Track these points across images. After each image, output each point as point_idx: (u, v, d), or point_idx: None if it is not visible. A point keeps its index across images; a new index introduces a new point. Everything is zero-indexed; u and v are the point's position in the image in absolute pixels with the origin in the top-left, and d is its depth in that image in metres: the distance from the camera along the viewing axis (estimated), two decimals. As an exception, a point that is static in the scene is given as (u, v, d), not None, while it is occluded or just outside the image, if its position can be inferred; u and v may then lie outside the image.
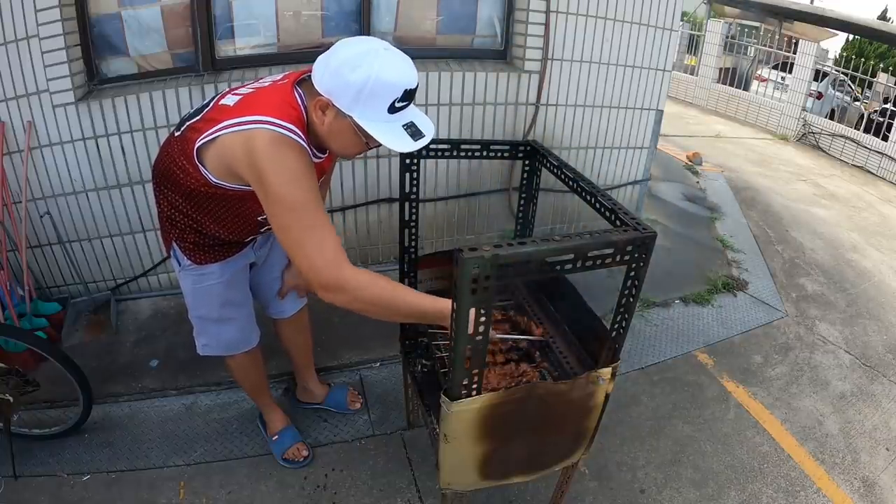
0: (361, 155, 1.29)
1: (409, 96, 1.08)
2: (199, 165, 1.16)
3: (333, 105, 1.07)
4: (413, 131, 1.11)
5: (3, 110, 2.06)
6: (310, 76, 1.12)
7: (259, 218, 1.29)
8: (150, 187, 2.28)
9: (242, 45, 2.39)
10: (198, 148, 1.14)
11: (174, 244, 1.38)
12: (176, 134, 1.24)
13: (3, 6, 1.93)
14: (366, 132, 1.07)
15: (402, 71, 1.05)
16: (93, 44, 2.18)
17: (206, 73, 2.31)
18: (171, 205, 1.31)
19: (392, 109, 1.07)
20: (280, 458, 1.79)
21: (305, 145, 1.10)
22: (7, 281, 2.07)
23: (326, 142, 1.16)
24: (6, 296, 2.05)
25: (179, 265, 1.41)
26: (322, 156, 1.24)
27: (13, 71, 2.02)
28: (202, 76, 2.30)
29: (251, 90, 1.17)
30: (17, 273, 2.21)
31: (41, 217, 2.23)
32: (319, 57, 1.09)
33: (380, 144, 1.10)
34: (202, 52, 2.28)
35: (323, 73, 1.07)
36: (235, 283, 1.48)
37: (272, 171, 1.05)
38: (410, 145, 1.11)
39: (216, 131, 1.10)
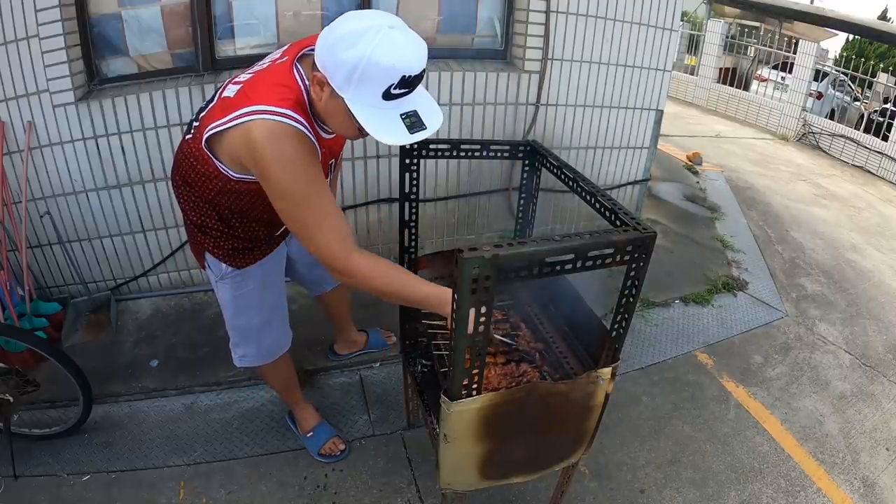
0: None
1: (408, 83, 0.98)
2: (217, 162, 1.14)
3: (328, 83, 1.00)
4: (412, 122, 1.01)
5: (3, 110, 2.06)
6: (314, 49, 1.07)
7: None
8: (150, 187, 2.32)
9: (242, 44, 2.39)
10: (208, 143, 1.12)
11: (208, 255, 1.36)
12: (187, 137, 1.22)
13: (3, 6, 1.93)
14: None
15: (401, 55, 0.95)
16: (93, 44, 2.18)
17: (207, 73, 2.31)
18: (200, 212, 1.28)
19: (388, 96, 0.97)
20: (317, 454, 1.80)
21: (305, 129, 1.05)
22: (7, 281, 2.07)
23: (325, 120, 1.10)
24: (6, 296, 2.05)
25: (216, 276, 1.38)
26: (332, 132, 1.20)
27: (13, 71, 2.02)
28: (202, 76, 2.30)
29: (250, 75, 1.15)
30: (17, 273, 2.21)
31: (41, 217, 2.23)
32: (325, 27, 1.01)
33: None
34: (202, 51, 2.28)
35: (322, 47, 0.99)
36: (274, 282, 1.48)
37: (273, 164, 1.03)
38: (401, 137, 1.00)
39: (220, 125, 1.08)
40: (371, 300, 2.60)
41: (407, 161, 1.45)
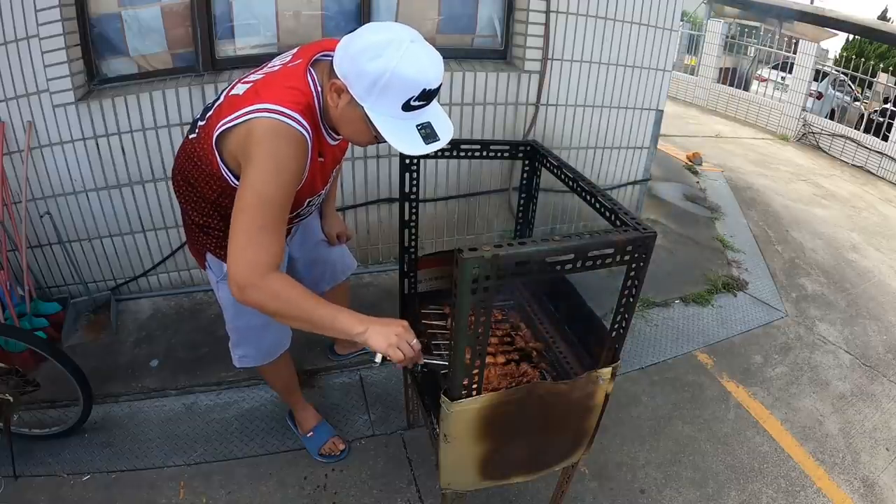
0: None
1: (427, 96, 1.02)
2: (221, 163, 1.12)
3: (348, 91, 1.02)
4: (427, 133, 1.05)
5: (3, 110, 2.06)
6: (327, 55, 1.08)
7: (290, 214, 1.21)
8: (150, 187, 2.33)
9: (242, 45, 2.39)
10: (216, 142, 1.10)
11: (209, 255, 1.35)
12: (191, 136, 1.21)
13: (3, 6, 1.93)
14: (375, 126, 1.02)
15: (423, 68, 0.99)
16: (93, 44, 2.18)
17: (207, 73, 2.31)
18: (202, 212, 1.27)
19: (407, 107, 1.01)
20: (317, 454, 1.80)
21: (307, 137, 1.06)
22: (7, 281, 2.07)
23: (338, 126, 1.13)
24: (6, 296, 2.05)
25: (217, 276, 1.38)
26: (338, 138, 1.21)
27: (13, 71, 2.02)
28: (202, 76, 2.30)
29: (261, 76, 1.14)
30: (17, 273, 2.21)
31: (41, 217, 2.23)
32: (345, 37, 1.03)
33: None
34: (202, 52, 2.28)
35: (343, 55, 1.02)
36: None
37: (260, 157, 1.02)
38: (418, 148, 1.04)
39: (229, 121, 1.06)
40: (371, 300, 2.61)
41: (407, 161, 1.45)
